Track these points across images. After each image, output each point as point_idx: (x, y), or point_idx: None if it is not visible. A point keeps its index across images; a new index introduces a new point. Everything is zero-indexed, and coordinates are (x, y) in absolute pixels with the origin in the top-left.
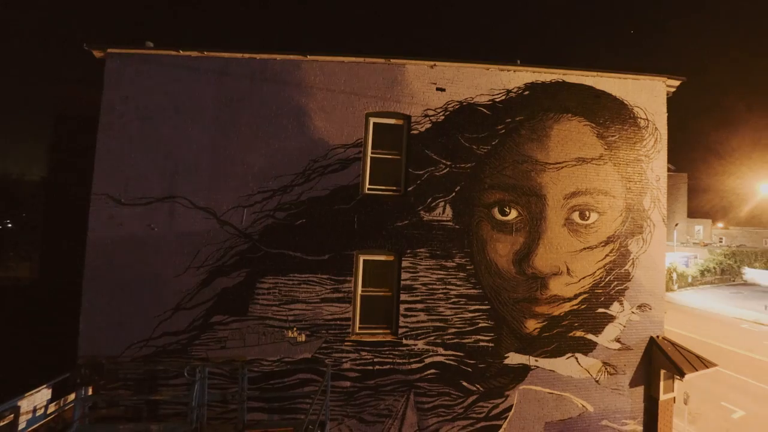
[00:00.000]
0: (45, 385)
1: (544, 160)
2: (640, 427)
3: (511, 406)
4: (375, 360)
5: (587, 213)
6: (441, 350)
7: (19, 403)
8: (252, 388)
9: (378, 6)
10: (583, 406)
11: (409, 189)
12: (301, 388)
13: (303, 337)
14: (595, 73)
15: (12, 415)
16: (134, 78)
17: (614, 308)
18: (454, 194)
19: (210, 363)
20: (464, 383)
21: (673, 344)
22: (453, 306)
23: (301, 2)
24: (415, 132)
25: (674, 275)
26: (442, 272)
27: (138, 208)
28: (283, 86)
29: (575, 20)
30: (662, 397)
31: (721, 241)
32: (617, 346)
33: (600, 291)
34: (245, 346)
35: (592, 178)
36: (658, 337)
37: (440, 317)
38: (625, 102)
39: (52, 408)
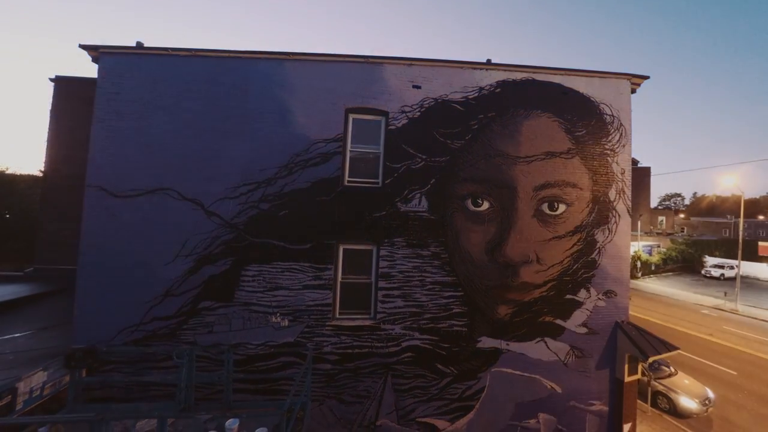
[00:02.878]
0: (41, 368)
1: (515, 154)
2: (606, 408)
3: (484, 387)
4: (354, 344)
5: (556, 204)
6: (417, 334)
7: (16, 385)
8: (237, 371)
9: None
10: (552, 387)
11: (387, 181)
12: (284, 371)
13: (286, 322)
14: (563, 72)
15: (10, 396)
16: (126, 76)
17: (581, 295)
18: (429, 186)
19: (197, 347)
20: (439, 366)
21: (638, 329)
22: (428, 292)
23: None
24: (392, 127)
25: (638, 263)
26: (418, 260)
27: (130, 200)
28: (267, 84)
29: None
30: (627, 378)
31: (683, 231)
32: (584, 330)
33: (568, 278)
34: (231, 331)
35: (560, 171)
36: (623, 322)
37: (416, 303)
38: (592, 99)
39: (47, 390)
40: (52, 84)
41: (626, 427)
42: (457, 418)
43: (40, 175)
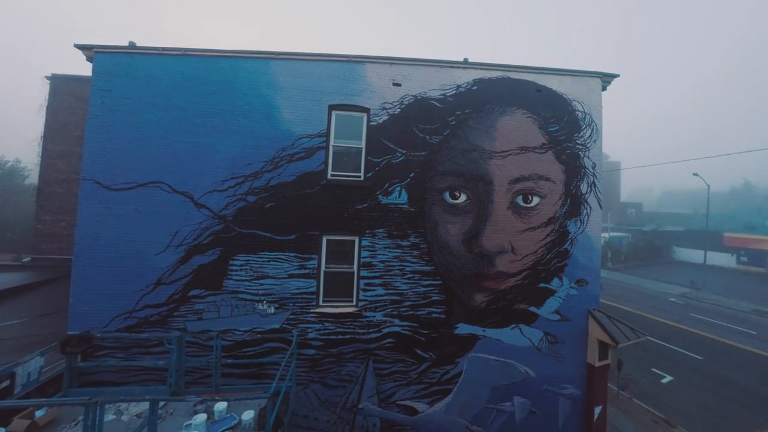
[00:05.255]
0: (38, 353)
1: (491, 148)
2: (578, 391)
3: (461, 371)
4: (337, 330)
5: (530, 197)
6: (397, 321)
7: (14, 370)
8: (225, 356)
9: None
10: (526, 371)
11: (369, 175)
12: (270, 356)
13: (272, 310)
14: (537, 71)
15: (8, 381)
16: (119, 74)
17: (554, 283)
18: (409, 180)
19: (188, 333)
20: (418, 351)
21: (608, 316)
22: (408, 281)
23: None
24: (373, 123)
25: (609, 253)
26: (398, 251)
27: (122, 193)
28: (254, 82)
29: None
30: (598, 363)
31: (651, 223)
32: (557, 317)
33: (541, 267)
34: (219, 318)
35: (534, 165)
36: (594, 309)
37: (396, 291)
38: (565, 97)
39: (44, 374)
40: (48, 82)
41: (597, 410)
42: (435, 401)
43: (37, 168)
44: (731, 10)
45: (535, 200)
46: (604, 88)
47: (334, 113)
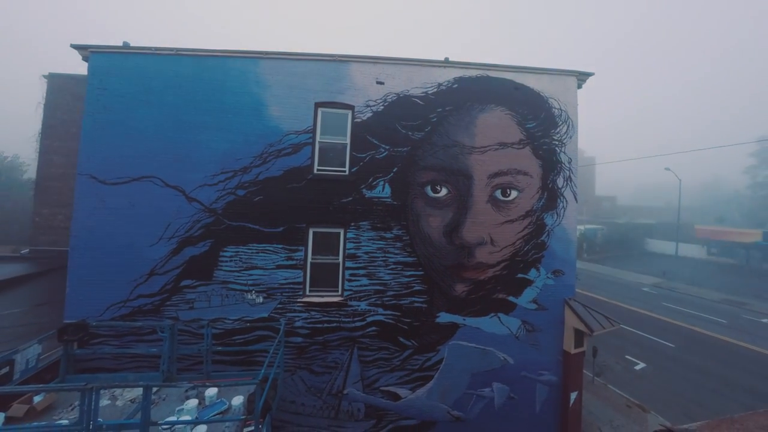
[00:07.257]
0: (36, 341)
1: (471, 144)
2: (555, 378)
3: (442, 358)
4: (323, 319)
5: (508, 191)
6: (381, 310)
7: (13, 357)
8: (216, 344)
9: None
10: (505, 359)
11: (353, 170)
12: (258, 344)
13: (260, 299)
14: (515, 70)
15: (8, 367)
16: (114, 73)
17: (532, 274)
18: (392, 174)
19: (179, 321)
20: (401, 339)
21: (584, 305)
22: (391, 272)
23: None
24: (358, 120)
25: (584, 245)
26: (381, 242)
27: (117, 187)
28: (244, 81)
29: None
30: (573, 351)
31: (625, 216)
32: (534, 306)
33: (519, 259)
34: (210, 307)
35: (512, 160)
36: (570, 298)
37: (380, 281)
38: (542, 94)
39: (42, 361)
40: (46, 81)
41: (573, 395)
42: (417, 387)
43: (35, 163)
44: (706, 13)
45: (513, 194)
46: (579, 86)
47: (320, 110)
